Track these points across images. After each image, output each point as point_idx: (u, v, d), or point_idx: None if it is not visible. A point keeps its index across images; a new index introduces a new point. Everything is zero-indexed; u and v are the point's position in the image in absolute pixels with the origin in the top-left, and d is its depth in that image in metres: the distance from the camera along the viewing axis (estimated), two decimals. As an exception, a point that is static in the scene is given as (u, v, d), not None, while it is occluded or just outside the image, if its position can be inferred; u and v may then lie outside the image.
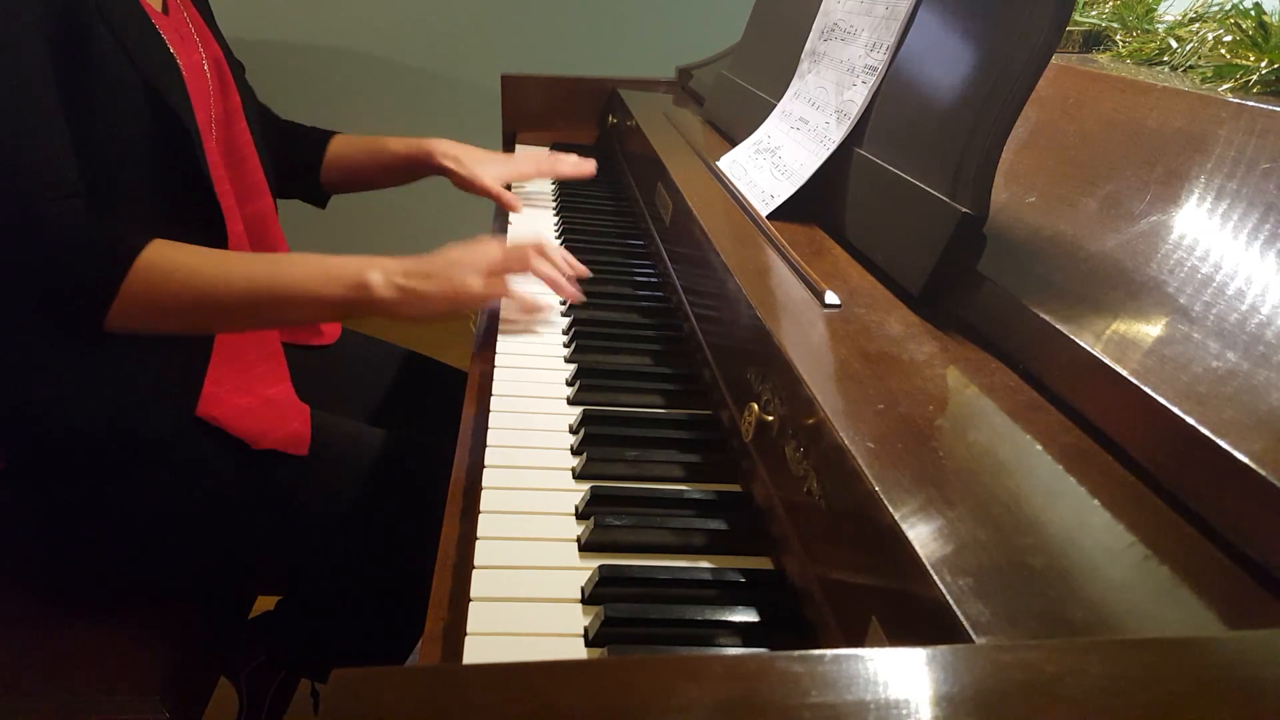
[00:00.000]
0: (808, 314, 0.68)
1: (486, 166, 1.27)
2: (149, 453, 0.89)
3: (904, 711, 0.26)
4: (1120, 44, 0.95)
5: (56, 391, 0.88)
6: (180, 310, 0.83)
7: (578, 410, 0.79)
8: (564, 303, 1.01)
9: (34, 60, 0.77)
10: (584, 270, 0.99)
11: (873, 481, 0.45)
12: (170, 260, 0.81)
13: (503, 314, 0.94)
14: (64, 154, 0.79)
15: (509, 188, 1.30)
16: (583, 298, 0.96)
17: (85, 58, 0.80)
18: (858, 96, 0.88)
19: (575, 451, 0.74)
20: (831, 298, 0.69)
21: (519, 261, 0.92)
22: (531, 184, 1.47)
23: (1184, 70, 0.81)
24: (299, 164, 1.24)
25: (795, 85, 1.05)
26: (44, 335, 0.87)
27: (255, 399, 0.96)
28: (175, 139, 0.87)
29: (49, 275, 0.79)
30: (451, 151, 1.25)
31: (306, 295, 0.85)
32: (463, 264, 0.88)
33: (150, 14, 0.89)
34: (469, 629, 0.54)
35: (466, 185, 1.26)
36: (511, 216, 1.28)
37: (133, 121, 0.84)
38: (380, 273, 0.85)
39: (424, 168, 1.27)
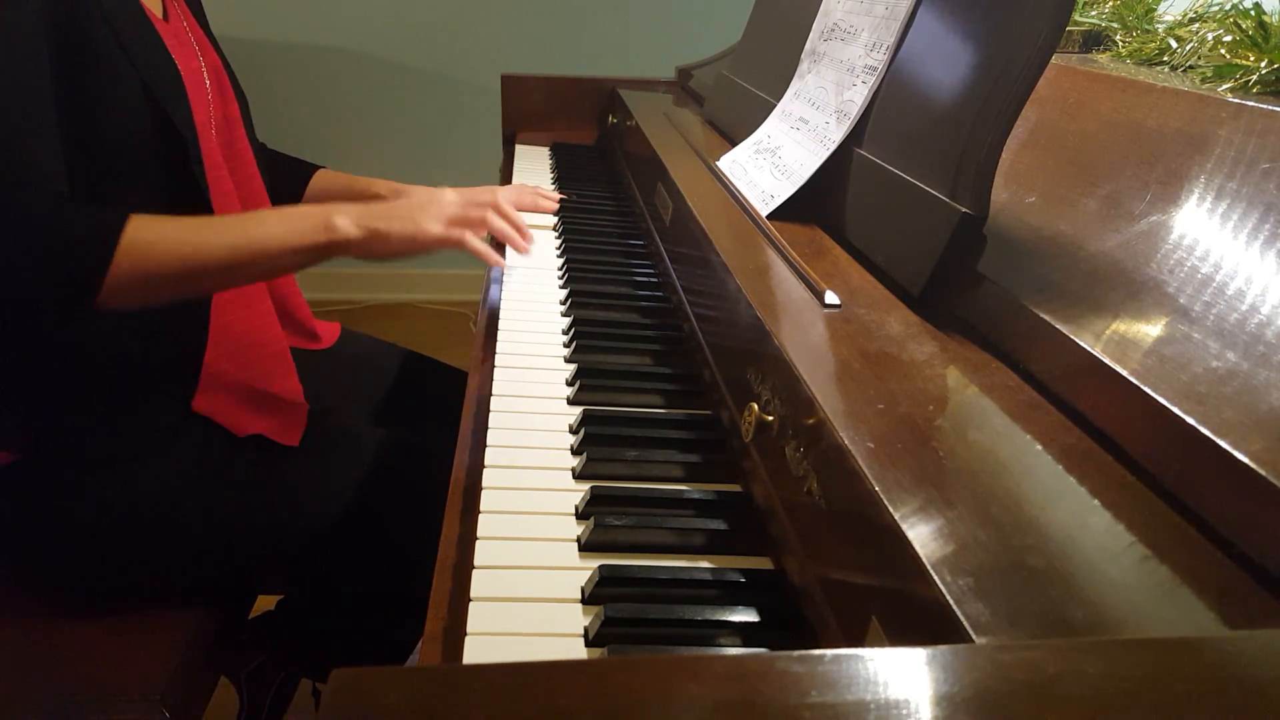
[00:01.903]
0: (808, 314, 0.68)
1: None
2: (146, 450, 0.89)
3: (904, 711, 0.26)
4: (1120, 44, 0.95)
5: (52, 391, 0.88)
6: (167, 280, 0.84)
7: (578, 410, 0.79)
8: (564, 302, 1.01)
9: (29, 58, 0.77)
10: (551, 204, 1.10)
11: (873, 481, 0.45)
12: (152, 233, 0.82)
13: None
14: (51, 152, 0.79)
15: None
16: (529, 250, 1.06)
17: (87, 58, 0.81)
18: (858, 96, 0.88)
19: (575, 451, 0.74)
20: (831, 298, 0.69)
21: (478, 218, 0.99)
22: (532, 184, 1.47)
23: (1184, 70, 0.81)
24: (281, 193, 1.23)
25: (795, 85, 1.05)
26: (37, 334, 0.87)
27: (255, 394, 0.96)
28: (172, 142, 0.88)
29: (36, 267, 0.79)
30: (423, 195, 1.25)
31: (281, 247, 0.87)
32: (426, 209, 0.95)
33: (151, 19, 0.90)
34: (469, 629, 0.54)
35: None
36: None
37: (131, 123, 0.85)
38: (344, 216, 0.90)
39: None
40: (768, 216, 0.91)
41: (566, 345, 0.91)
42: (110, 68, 0.82)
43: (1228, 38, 0.76)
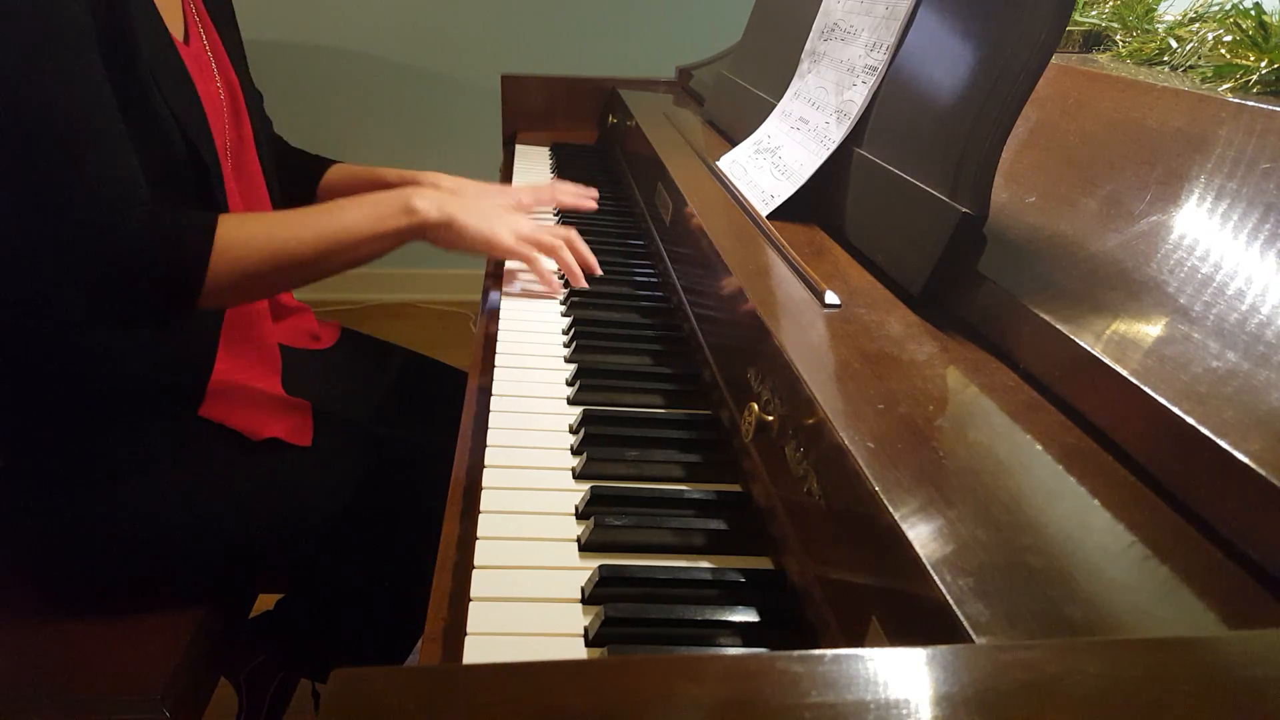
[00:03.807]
0: (808, 314, 0.68)
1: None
2: (152, 453, 0.89)
3: (904, 711, 0.26)
4: (1120, 44, 0.95)
5: (64, 392, 0.88)
6: (260, 275, 0.87)
7: (578, 410, 0.79)
8: (564, 302, 1.01)
9: (96, 76, 0.79)
10: (596, 269, 1.05)
11: (873, 481, 0.45)
12: (245, 231, 0.85)
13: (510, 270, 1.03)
14: (133, 163, 0.81)
15: None
16: (585, 284, 1.03)
17: (126, 84, 0.82)
18: (858, 96, 0.88)
19: (575, 451, 0.74)
20: (831, 298, 0.69)
21: (550, 244, 1.00)
22: (531, 182, 1.47)
23: (1184, 70, 0.81)
24: (296, 191, 1.23)
25: (795, 85, 1.05)
26: (56, 337, 0.87)
27: (254, 394, 0.96)
28: (196, 169, 0.89)
29: (139, 274, 0.81)
30: (445, 184, 1.21)
31: (366, 233, 0.90)
32: (505, 217, 0.98)
33: (175, 44, 0.90)
34: (469, 629, 0.54)
35: None
36: None
37: (158, 150, 0.86)
38: (422, 199, 0.92)
39: None
40: (768, 216, 0.91)
41: (566, 345, 0.91)
42: (143, 95, 0.83)
43: (1228, 38, 0.76)
